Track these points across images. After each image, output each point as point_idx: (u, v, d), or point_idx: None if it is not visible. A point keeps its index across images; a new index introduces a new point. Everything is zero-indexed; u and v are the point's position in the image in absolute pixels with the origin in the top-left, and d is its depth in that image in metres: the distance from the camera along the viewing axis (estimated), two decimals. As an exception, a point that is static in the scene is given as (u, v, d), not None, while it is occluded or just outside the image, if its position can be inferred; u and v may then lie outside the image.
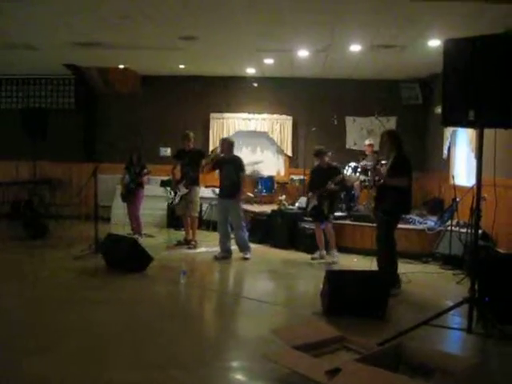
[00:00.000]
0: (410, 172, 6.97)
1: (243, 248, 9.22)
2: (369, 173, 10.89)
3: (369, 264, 7.32)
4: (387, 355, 4.22)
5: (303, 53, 10.67)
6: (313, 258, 9.22)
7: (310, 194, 9.29)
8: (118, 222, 11.68)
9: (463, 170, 10.80)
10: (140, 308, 6.27)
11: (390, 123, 12.91)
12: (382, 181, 7.04)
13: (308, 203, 9.38)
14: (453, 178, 9.32)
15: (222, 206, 9.32)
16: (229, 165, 9.13)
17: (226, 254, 9.15)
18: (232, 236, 9.32)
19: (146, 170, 10.56)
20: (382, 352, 4.31)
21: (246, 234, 9.34)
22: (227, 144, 9.30)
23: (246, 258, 9.08)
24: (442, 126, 6.22)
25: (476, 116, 5.04)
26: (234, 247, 9.30)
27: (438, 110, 11.24)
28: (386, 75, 12.72)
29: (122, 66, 12.81)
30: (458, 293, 6.64)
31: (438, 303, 6.49)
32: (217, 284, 8.01)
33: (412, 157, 7.24)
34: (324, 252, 9.26)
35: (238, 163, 9.16)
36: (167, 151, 13.88)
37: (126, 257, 7.85)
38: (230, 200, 9.07)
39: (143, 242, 9.30)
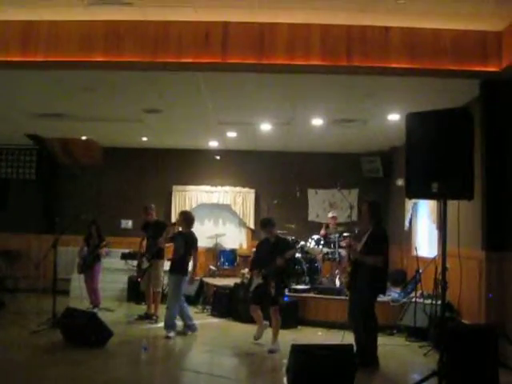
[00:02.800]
0: (386, 249, 6.82)
1: (167, 326, 8.61)
2: (333, 245, 10.98)
3: (332, 337, 7.22)
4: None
5: (266, 126, 10.83)
6: (255, 339, 8.24)
7: (254, 272, 8.13)
8: (78, 296, 11.38)
9: (425, 242, 10.92)
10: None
11: (352, 195, 13.04)
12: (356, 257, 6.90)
13: (250, 282, 8.30)
14: (415, 249, 9.37)
15: (169, 280, 9.00)
16: (180, 239, 8.89)
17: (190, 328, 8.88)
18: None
19: (104, 242, 10.44)
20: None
21: (175, 314, 8.64)
22: (182, 217, 9.07)
23: (168, 337, 8.44)
24: (407, 198, 6.29)
25: (439, 188, 5.11)
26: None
27: (399, 182, 11.52)
28: (348, 148, 12.94)
29: (84, 138, 12.77)
30: (426, 365, 6.58)
31: (405, 376, 6.41)
32: (179, 360, 7.73)
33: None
34: (261, 330, 8.26)
35: (189, 239, 8.83)
36: (128, 223, 13.71)
37: (85, 331, 7.55)
38: (172, 275, 8.76)
39: (103, 315, 9.02)
